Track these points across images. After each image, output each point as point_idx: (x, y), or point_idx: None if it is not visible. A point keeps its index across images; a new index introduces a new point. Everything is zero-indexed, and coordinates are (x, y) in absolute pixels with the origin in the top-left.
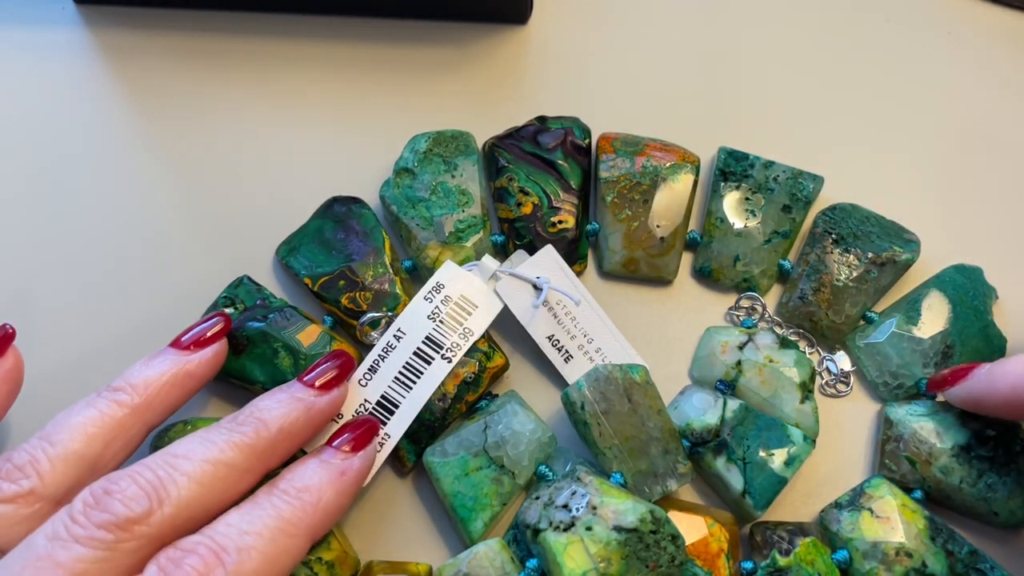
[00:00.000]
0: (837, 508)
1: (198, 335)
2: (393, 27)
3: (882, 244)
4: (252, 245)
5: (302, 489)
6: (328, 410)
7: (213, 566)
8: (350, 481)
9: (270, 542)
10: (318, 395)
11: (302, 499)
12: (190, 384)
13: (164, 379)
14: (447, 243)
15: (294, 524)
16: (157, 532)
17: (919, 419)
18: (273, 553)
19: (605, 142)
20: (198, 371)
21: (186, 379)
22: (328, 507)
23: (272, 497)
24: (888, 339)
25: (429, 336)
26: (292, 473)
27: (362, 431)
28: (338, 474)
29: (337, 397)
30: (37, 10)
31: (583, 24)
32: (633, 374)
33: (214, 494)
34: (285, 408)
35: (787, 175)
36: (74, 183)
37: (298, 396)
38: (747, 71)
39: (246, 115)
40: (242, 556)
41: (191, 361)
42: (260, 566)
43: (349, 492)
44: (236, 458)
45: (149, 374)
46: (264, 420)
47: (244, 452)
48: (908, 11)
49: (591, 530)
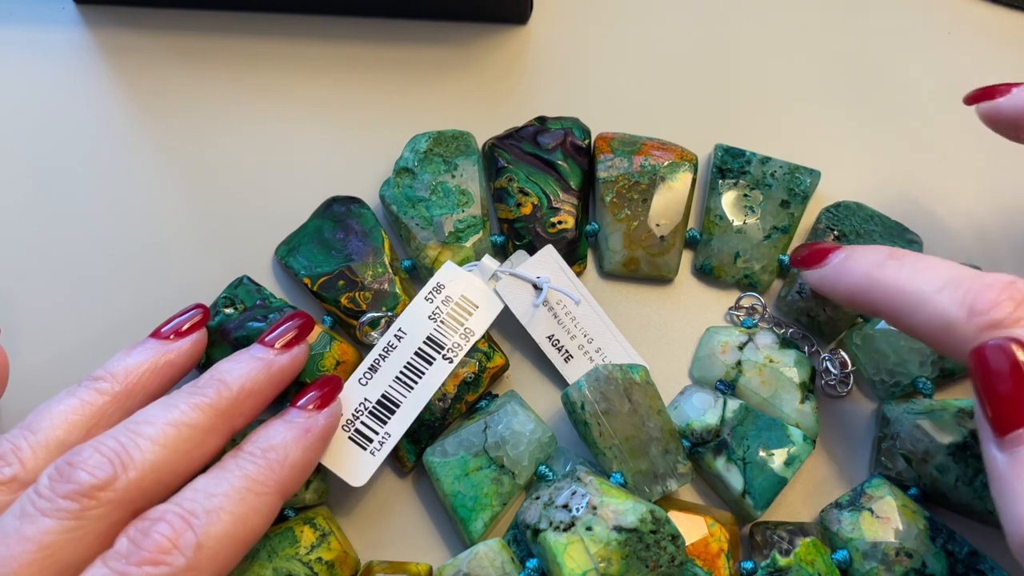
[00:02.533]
0: (837, 508)
1: (177, 325)
2: (393, 27)
3: (883, 243)
4: (252, 245)
5: (268, 448)
6: (289, 367)
7: (182, 530)
8: (316, 437)
9: (239, 502)
10: (278, 354)
11: (268, 458)
12: (170, 373)
13: (144, 367)
14: (447, 243)
15: (261, 482)
16: (124, 497)
17: (916, 417)
18: (242, 512)
19: (603, 142)
20: (178, 360)
21: (167, 368)
22: (296, 463)
23: (238, 459)
24: (885, 337)
25: (430, 336)
26: (257, 435)
27: (326, 389)
28: (303, 431)
29: (298, 355)
30: (37, 10)
31: (583, 24)
32: (633, 374)
33: (179, 456)
34: (245, 367)
35: (784, 170)
36: (74, 183)
37: (258, 356)
38: (747, 71)
39: (246, 115)
40: (211, 518)
41: (171, 350)
42: (230, 526)
43: (316, 447)
44: (199, 419)
45: (130, 363)
46: (225, 380)
47: (206, 412)
48: (908, 11)
49: (591, 530)
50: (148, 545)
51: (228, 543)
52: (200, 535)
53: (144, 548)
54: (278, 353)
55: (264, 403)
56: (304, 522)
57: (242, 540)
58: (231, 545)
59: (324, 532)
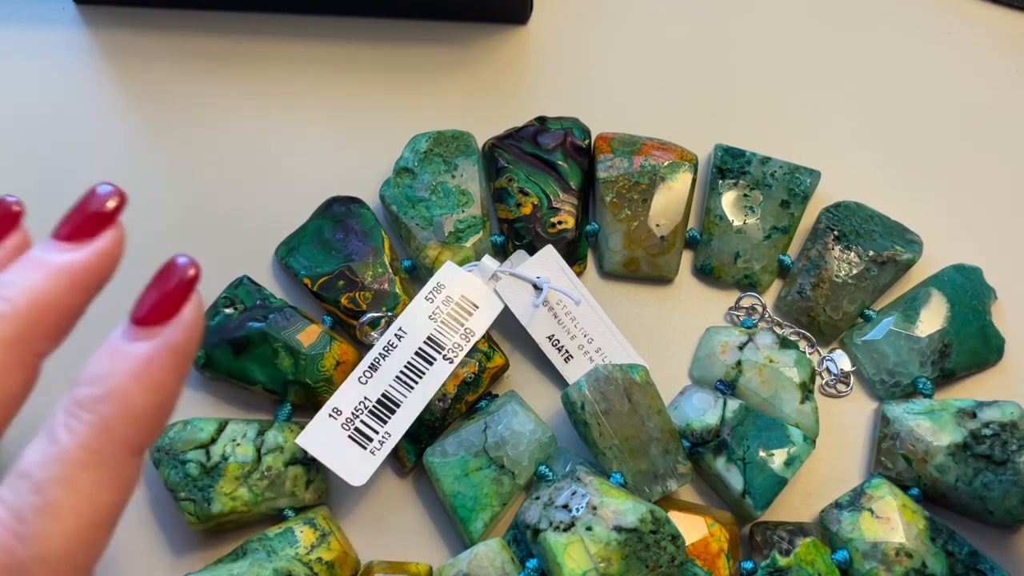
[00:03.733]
0: (837, 508)
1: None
2: (393, 27)
3: (883, 243)
4: (252, 245)
5: (100, 399)
6: (98, 265)
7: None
8: (165, 367)
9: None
10: (76, 248)
11: (102, 413)
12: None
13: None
14: (447, 243)
15: (100, 451)
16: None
17: (916, 417)
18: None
19: (603, 142)
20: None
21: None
22: (144, 410)
23: (69, 419)
24: (885, 337)
25: (430, 336)
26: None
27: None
28: (144, 362)
29: (105, 247)
30: (37, 10)
31: (583, 24)
32: (633, 374)
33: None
34: (35, 277)
35: (784, 170)
36: (74, 183)
37: (50, 259)
38: (748, 71)
39: (246, 115)
40: (45, 522)
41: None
42: (72, 520)
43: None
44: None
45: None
46: (7, 298)
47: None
48: (908, 11)
49: (591, 530)
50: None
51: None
52: (34, 547)
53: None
54: (76, 247)
55: (73, 317)
56: (304, 522)
57: (96, 524)
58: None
59: (324, 532)
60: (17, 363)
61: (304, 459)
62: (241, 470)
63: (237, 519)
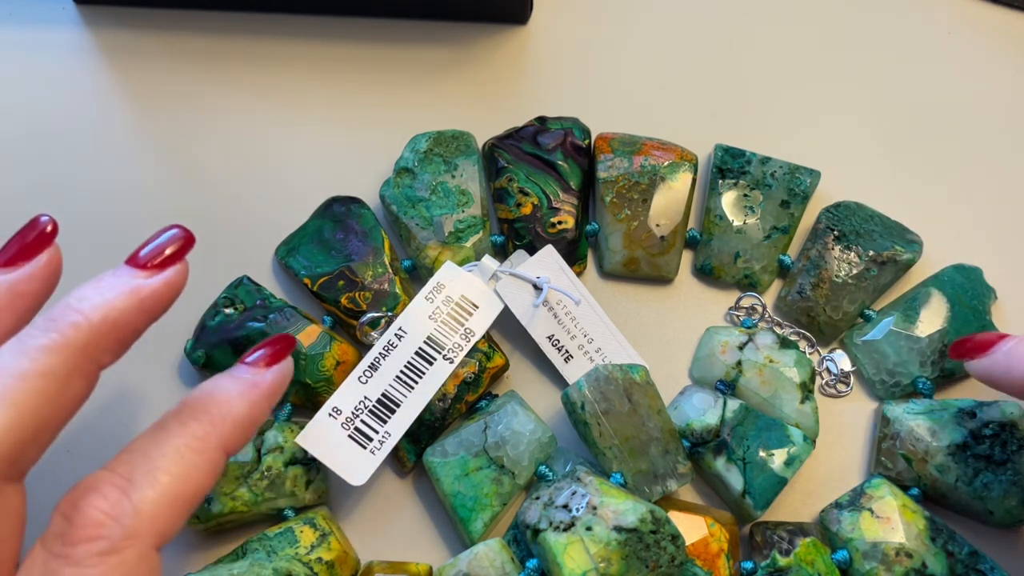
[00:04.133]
0: (837, 508)
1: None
2: (393, 27)
3: (884, 243)
4: (252, 245)
5: (209, 403)
6: (164, 292)
7: (116, 499)
8: (262, 393)
9: (178, 461)
10: (149, 275)
11: (209, 413)
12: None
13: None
14: (447, 243)
15: (201, 439)
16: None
17: (916, 417)
18: (182, 471)
19: (603, 142)
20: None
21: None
22: (239, 419)
23: (178, 416)
24: (885, 337)
25: (430, 336)
26: (198, 390)
27: (277, 347)
28: (249, 386)
29: (172, 277)
30: (37, 10)
31: (583, 24)
32: (633, 374)
33: (37, 409)
34: (107, 294)
35: (784, 170)
36: (74, 182)
37: (124, 278)
38: (748, 71)
39: (246, 115)
40: (148, 479)
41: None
42: (169, 487)
43: (261, 404)
44: (53, 363)
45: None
46: (81, 311)
47: (61, 354)
48: (908, 11)
49: (591, 530)
50: (82, 521)
51: (169, 504)
52: (137, 500)
53: (78, 525)
54: (149, 275)
55: (134, 335)
56: (304, 522)
57: (185, 499)
58: (173, 505)
59: (324, 532)
60: (81, 370)
61: (304, 459)
62: (241, 470)
63: (237, 519)
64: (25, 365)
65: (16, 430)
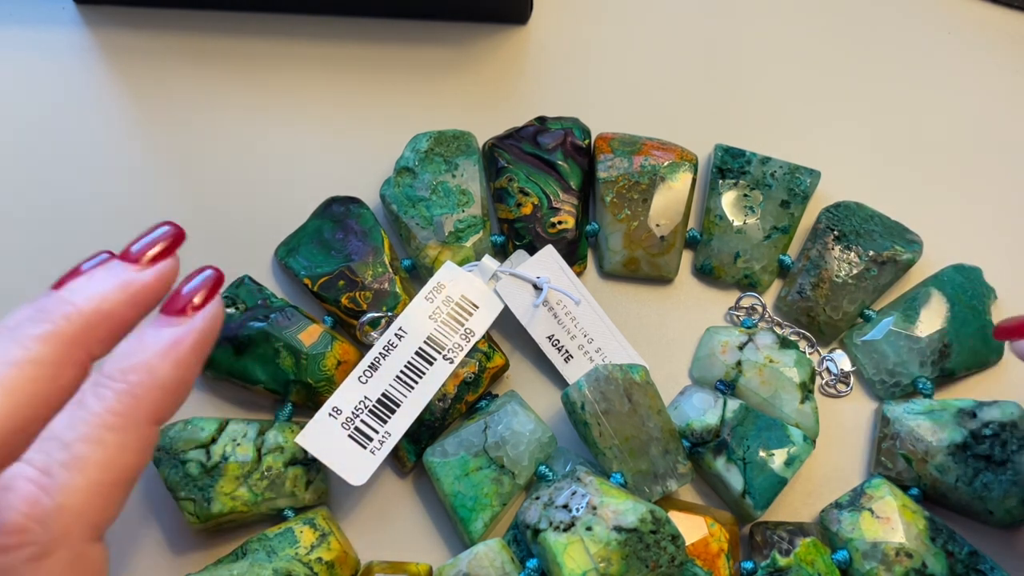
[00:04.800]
0: (837, 508)
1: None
2: (393, 27)
3: (884, 243)
4: (252, 245)
5: (128, 370)
6: (155, 285)
7: (35, 498)
8: (189, 347)
9: (100, 444)
10: (140, 269)
11: (129, 381)
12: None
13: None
14: (447, 243)
15: (125, 415)
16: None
17: (916, 417)
18: (107, 455)
19: (603, 142)
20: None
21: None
22: (167, 383)
23: (97, 388)
24: (885, 337)
25: (431, 336)
26: (116, 353)
27: (201, 286)
28: (172, 343)
29: (165, 270)
30: (37, 10)
31: (583, 24)
32: (633, 374)
33: (28, 397)
34: (99, 286)
35: (784, 170)
36: (74, 183)
37: (115, 272)
38: (747, 71)
39: (246, 115)
40: (68, 474)
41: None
42: (95, 474)
43: (190, 360)
44: (43, 352)
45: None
46: (73, 302)
47: (51, 343)
48: (908, 11)
49: (591, 530)
50: (2, 528)
51: (96, 492)
52: (58, 497)
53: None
54: (140, 269)
55: (125, 327)
56: (304, 522)
57: (115, 483)
58: (101, 493)
59: (324, 532)
60: (72, 360)
61: (304, 459)
62: (241, 470)
63: (237, 519)
64: (17, 353)
65: (8, 418)
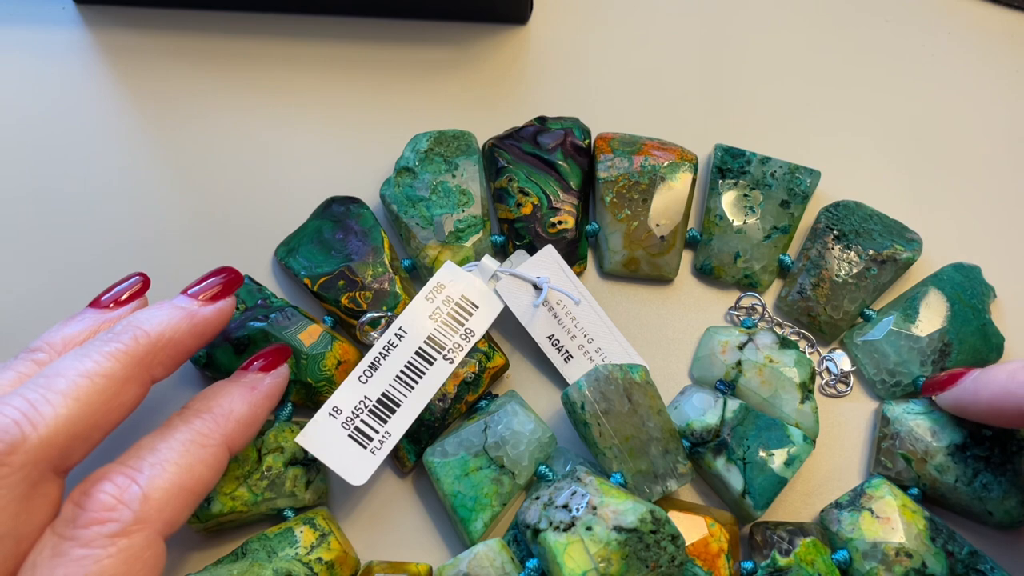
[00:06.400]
0: (837, 508)
1: (117, 294)
2: (393, 27)
3: (883, 242)
4: (252, 245)
5: (212, 403)
6: (214, 319)
7: (126, 485)
8: (261, 394)
9: (183, 453)
10: (203, 305)
11: (212, 411)
12: None
13: (83, 337)
14: (447, 243)
15: (205, 434)
16: (38, 457)
17: (916, 417)
18: (188, 463)
19: (603, 142)
20: None
21: None
22: (241, 417)
23: (183, 415)
24: (886, 337)
25: (431, 336)
26: (202, 394)
27: (272, 355)
28: (248, 388)
29: (224, 307)
30: (37, 10)
31: (583, 24)
32: (633, 374)
33: (95, 408)
34: (166, 315)
35: (784, 170)
36: (74, 183)
37: (180, 305)
38: (747, 71)
39: (246, 115)
40: (155, 470)
41: (110, 319)
42: (175, 476)
43: (261, 404)
44: (114, 368)
45: (68, 332)
46: (142, 327)
47: (121, 360)
48: (908, 11)
49: (591, 530)
50: (92, 505)
51: (175, 493)
52: (145, 487)
53: (89, 509)
54: (202, 304)
55: (185, 354)
56: (304, 522)
57: (190, 489)
58: (179, 495)
59: (324, 532)
60: (137, 378)
61: (304, 459)
62: (241, 470)
63: (237, 519)
64: (90, 366)
65: (75, 423)
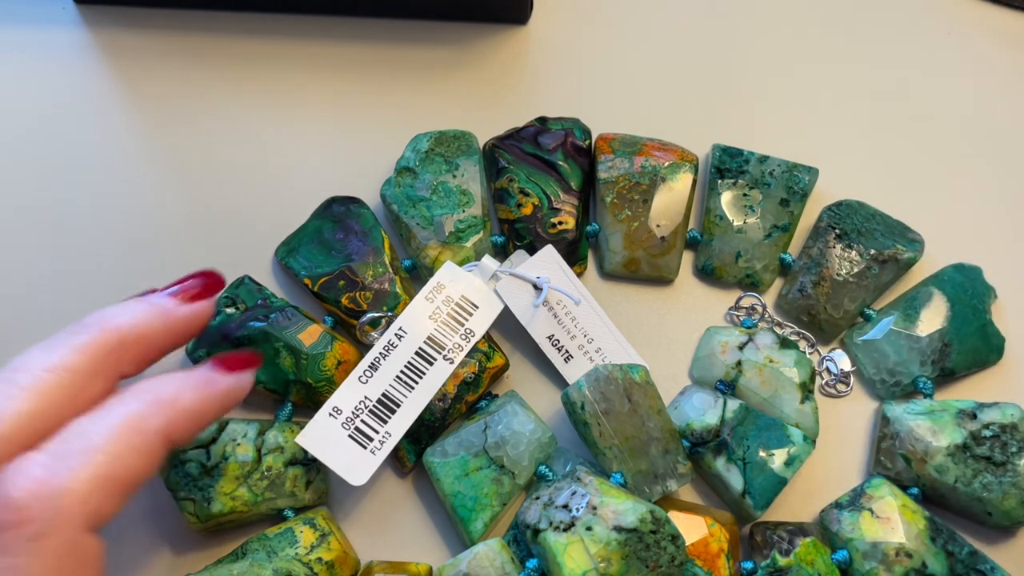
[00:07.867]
0: (837, 508)
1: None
2: (393, 27)
3: (885, 242)
4: (252, 245)
5: (158, 387)
6: (190, 319)
7: (44, 479)
8: (216, 392)
9: (115, 440)
10: (179, 304)
11: (156, 394)
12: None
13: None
14: (447, 243)
15: (143, 419)
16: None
17: (915, 417)
18: (118, 450)
19: (603, 142)
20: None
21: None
22: (188, 409)
23: (125, 395)
24: (886, 336)
25: (431, 336)
26: (150, 376)
27: (236, 358)
28: (203, 382)
29: (201, 309)
30: (37, 10)
31: (583, 24)
32: (633, 374)
33: (58, 402)
34: (138, 310)
35: (782, 169)
36: (73, 183)
37: (155, 302)
38: (748, 71)
39: (246, 115)
40: (81, 459)
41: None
42: (104, 467)
43: (213, 403)
44: (78, 361)
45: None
46: (112, 321)
47: (87, 354)
48: (908, 11)
49: (591, 530)
50: (7, 504)
51: (102, 484)
52: (67, 480)
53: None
54: (179, 303)
55: (157, 353)
56: (304, 522)
57: (120, 481)
58: (106, 486)
59: (324, 532)
60: (103, 373)
61: (304, 459)
62: (241, 470)
63: (237, 519)
64: (54, 360)
65: (37, 418)
